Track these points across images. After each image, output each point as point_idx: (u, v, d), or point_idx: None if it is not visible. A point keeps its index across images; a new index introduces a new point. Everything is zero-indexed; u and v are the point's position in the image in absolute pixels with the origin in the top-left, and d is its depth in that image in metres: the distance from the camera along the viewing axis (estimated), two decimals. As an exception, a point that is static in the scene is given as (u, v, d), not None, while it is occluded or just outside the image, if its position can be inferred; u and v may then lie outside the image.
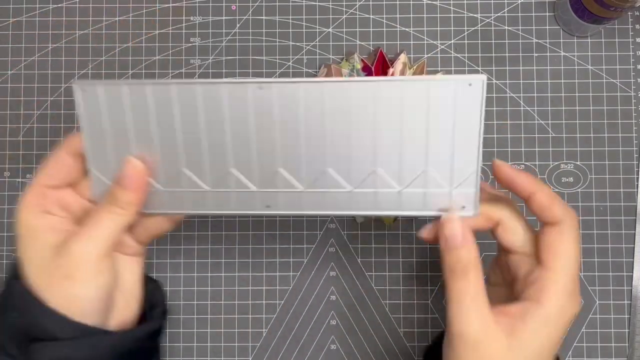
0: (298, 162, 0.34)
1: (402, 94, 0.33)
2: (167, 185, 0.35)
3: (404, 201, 0.34)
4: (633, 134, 0.48)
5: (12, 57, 0.49)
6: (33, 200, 0.34)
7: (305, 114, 0.33)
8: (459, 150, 0.33)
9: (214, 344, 0.47)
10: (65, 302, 0.32)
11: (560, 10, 0.48)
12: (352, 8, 0.49)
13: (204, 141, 0.34)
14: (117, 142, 0.34)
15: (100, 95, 0.34)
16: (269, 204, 0.35)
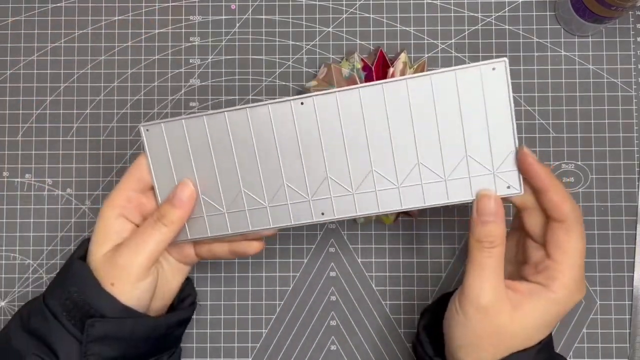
0: (344, 167, 0.37)
1: (432, 87, 0.35)
2: (229, 207, 0.38)
3: (451, 190, 0.36)
4: (634, 133, 0.48)
5: (11, 57, 0.49)
6: (117, 201, 0.38)
7: (344, 121, 0.36)
8: (495, 132, 0.35)
9: (213, 344, 0.47)
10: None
11: (561, 10, 0.48)
12: (353, 7, 0.49)
13: (255, 161, 0.37)
14: (180, 173, 0.38)
15: (162, 131, 0.38)
16: (324, 211, 0.37)
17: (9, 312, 0.48)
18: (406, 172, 0.36)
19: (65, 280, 0.38)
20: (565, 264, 0.35)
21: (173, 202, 0.38)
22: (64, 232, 0.48)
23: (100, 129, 0.49)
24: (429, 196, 0.37)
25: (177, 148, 0.38)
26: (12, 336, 0.38)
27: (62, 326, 0.36)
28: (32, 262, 0.48)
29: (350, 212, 0.37)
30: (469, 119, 0.35)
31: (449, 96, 0.35)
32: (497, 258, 0.35)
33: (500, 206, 0.35)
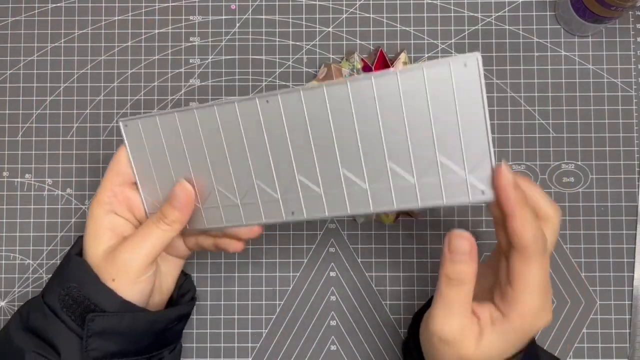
0: (312, 168, 0.35)
1: (401, 85, 0.33)
2: (204, 203, 0.39)
3: (422, 194, 0.34)
4: (634, 133, 0.48)
5: (10, 57, 0.49)
6: (104, 198, 0.39)
7: (311, 120, 0.35)
8: (468, 133, 0.33)
9: (213, 344, 0.47)
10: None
11: (561, 10, 0.48)
12: (353, 7, 0.49)
13: (226, 159, 0.37)
14: (159, 166, 0.39)
15: (139, 127, 0.39)
16: (294, 211, 0.36)
17: (9, 312, 0.48)
18: (376, 173, 0.34)
19: (63, 277, 0.38)
20: (522, 293, 0.33)
21: (172, 204, 0.38)
22: (64, 232, 0.48)
23: (100, 129, 0.49)
24: (400, 199, 0.34)
25: (155, 143, 0.39)
26: (12, 335, 0.38)
27: (61, 322, 0.37)
28: (32, 262, 0.48)
29: (319, 213, 0.36)
30: (440, 120, 0.33)
31: (418, 95, 0.33)
32: (465, 294, 0.34)
33: (473, 246, 0.33)
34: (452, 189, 0.33)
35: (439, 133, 0.33)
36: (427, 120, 0.33)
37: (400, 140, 0.34)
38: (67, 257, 0.39)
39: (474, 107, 0.32)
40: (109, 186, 0.39)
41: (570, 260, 0.47)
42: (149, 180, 0.40)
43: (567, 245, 0.47)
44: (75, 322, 0.37)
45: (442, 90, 0.32)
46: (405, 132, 0.33)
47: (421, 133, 0.33)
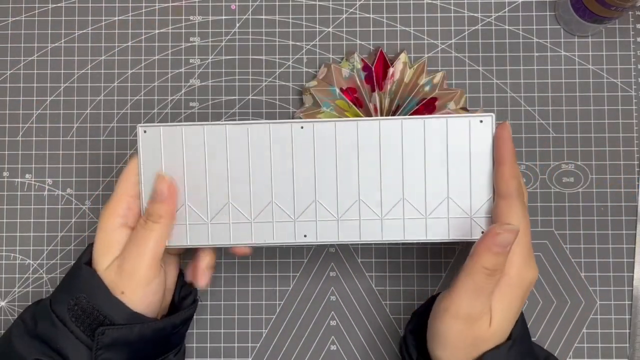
0: (332, 194, 0.38)
1: (424, 129, 0.37)
2: (214, 219, 0.39)
3: (430, 228, 0.38)
4: (634, 133, 0.48)
5: (11, 57, 0.49)
6: (117, 210, 0.38)
7: (339, 149, 0.38)
8: (476, 179, 0.38)
9: (213, 344, 0.47)
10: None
11: (561, 10, 0.48)
12: (353, 7, 0.49)
13: (248, 176, 0.38)
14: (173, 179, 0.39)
15: (160, 135, 0.39)
16: (306, 234, 0.38)
17: (9, 312, 0.48)
18: (390, 205, 0.38)
19: (72, 286, 0.38)
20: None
21: (155, 198, 0.38)
22: (64, 232, 0.48)
23: (101, 129, 0.49)
24: (409, 231, 0.38)
25: (171, 153, 0.39)
26: (15, 342, 0.38)
27: (70, 332, 0.37)
28: (32, 262, 0.48)
29: (332, 238, 0.38)
30: (453, 163, 0.38)
31: (437, 139, 0.38)
32: (496, 282, 0.35)
33: (513, 237, 0.35)
34: (456, 226, 0.38)
35: (451, 176, 0.38)
36: (443, 163, 0.38)
37: (416, 178, 0.38)
38: (78, 266, 0.39)
39: (482, 157, 0.38)
40: (124, 198, 0.38)
41: (570, 260, 0.47)
42: None
43: (567, 245, 0.47)
44: (85, 332, 0.37)
45: (458, 140, 0.38)
46: (423, 171, 0.38)
47: (435, 174, 0.38)
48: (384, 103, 0.45)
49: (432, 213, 0.38)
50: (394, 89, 0.46)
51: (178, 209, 0.39)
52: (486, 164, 0.38)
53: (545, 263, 0.47)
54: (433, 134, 0.37)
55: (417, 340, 0.40)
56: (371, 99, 0.45)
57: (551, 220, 0.48)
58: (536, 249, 0.47)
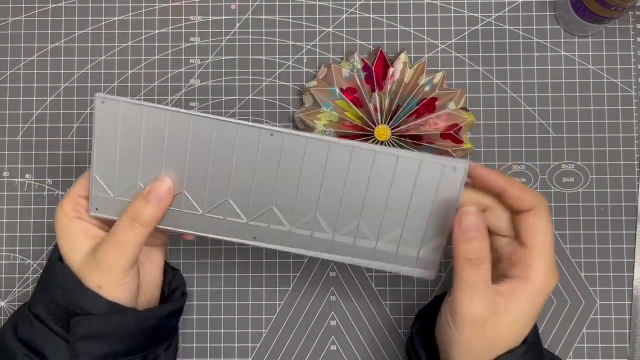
0: (290, 205, 0.38)
1: (396, 164, 0.37)
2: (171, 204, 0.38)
3: (378, 253, 0.38)
4: (634, 133, 0.48)
5: (11, 57, 0.49)
6: (69, 206, 0.38)
7: (306, 165, 0.37)
8: (434, 222, 0.37)
9: (213, 344, 0.47)
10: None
11: (561, 10, 0.48)
12: (353, 7, 0.49)
13: (209, 171, 0.37)
14: (123, 158, 0.37)
15: (120, 110, 0.37)
16: (256, 236, 0.38)
17: (9, 312, 0.48)
18: (345, 227, 0.38)
19: (47, 284, 0.38)
20: (539, 248, 0.35)
21: (149, 199, 0.37)
22: (64, 232, 0.48)
23: (101, 129, 0.49)
24: (357, 254, 0.38)
25: (128, 131, 0.37)
26: (7, 341, 0.38)
27: (48, 329, 0.36)
28: (32, 262, 0.48)
29: (281, 244, 0.38)
30: (417, 203, 0.37)
31: (407, 176, 0.37)
32: (486, 272, 0.35)
33: (482, 220, 0.35)
34: (402, 259, 0.38)
35: (411, 211, 0.37)
36: (406, 198, 0.37)
37: (377, 207, 0.37)
38: (51, 264, 0.38)
39: (447, 204, 0.37)
40: (73, 196, 0.38)
41: (570, 260, 0.47)
42: (107, 170, 0.37)
43: (567, 245, 0.47)
44: (63, 327, 0.36)
45: (427, 182, 0.37)
46: (384, 202, 0.37)
47: (395, 206, 0.37)
48: (384, 103, 0.45)
49: (383, 243, 0.38)
50: (394, 89, 0.46)
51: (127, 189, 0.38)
52: (450, 211, 0.36)
53: (545, 263, 0.47)
54: (404, 168, 0.37)
55: (424, 341, 0.40)
56: (371, 99, 0.45)
57: (551, 220, 0.47)
58: (536, 249, 0.47)
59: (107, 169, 0.37)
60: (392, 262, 0.38)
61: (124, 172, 0.37)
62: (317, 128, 0.46)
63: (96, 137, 0.37)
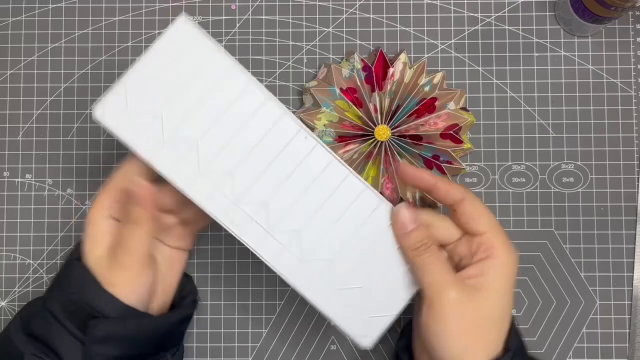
0: (282, 210, 0.38)
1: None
2: (170, 143, 0.37)
3: (303, 273, 0.38)
4: (634, 133, 0.48)
5: (11, 57, 0.49)
6: (104, 202, 0.38)
7: (316, 183, 0.38)
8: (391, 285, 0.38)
9: (213, 344, 0.47)
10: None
11: (560, 10, 0.48)
12: (352, 7, 0.49)
13: (227, 141, 0.37)
14: (161, 91, 0.37)
15: (194, 47, 0.37)
16: (234, 220, 0.37)
17: (9, 312, 0.48)
18: (284, 228, 0.38)
19: (64, 283, 0.38)
20: (489, 227, 0.37)
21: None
22: (65, 232, 0.48)
23: (101, 129, 0.49)
24: (279, 259, 0.38)
25: (184, 70, 0.37)
26: (13, 337, 0.38)
27: (64, 328, 0.37)
28: (32, 262, 0.48)
29: (253, 243, 0.38)
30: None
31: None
32: (437, 255, 0.37)
33: (413, 212, 0.37)
34: (350, 315, 0.38)
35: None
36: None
37: (320, 220, 0.38)
38: (69, 262, 0.39)
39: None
40: (113, 191, 0.39)
41: (570, 260, 0.47)
42: (138, 88, 0.37)
43: (567, 245, 0.47)
44: (78, 328, 0.37)
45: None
46: (321, 220, 0.38)
47: (337, 227, 0.38)
48: (384, 103, 0.45)
49: (313, 260, 0.38)
50: (394, 89, 0.46)
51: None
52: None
53: (545, 263, 0.47)
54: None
55: (411, 356, 0.40)
56: (371, 99, 0.45)
57: (551, 220, 0.48)
58: (536, 249, 0.47)
59: (140, 87, 0.37)
60: (335, 315, 0.38)
61: (150, 100, 0.37)
62: (317, 128, 0.46)
63: (154, 52, 0.36)
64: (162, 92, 0.37)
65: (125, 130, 0.37)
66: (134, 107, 0.37)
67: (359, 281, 0.38)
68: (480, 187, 0.48)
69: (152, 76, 0.36)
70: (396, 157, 0.45)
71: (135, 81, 0.37)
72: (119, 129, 0.37)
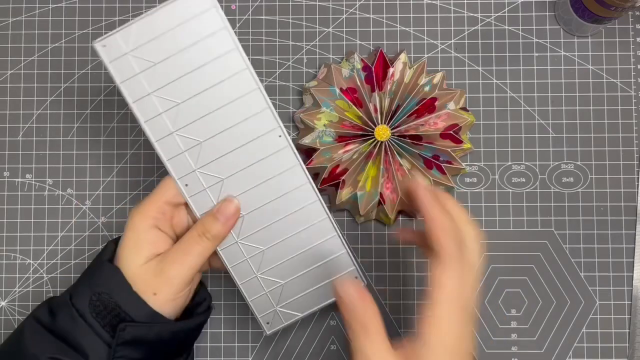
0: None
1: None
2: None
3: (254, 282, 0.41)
4: (633, 133, 0.48)
5: (11, 57, 0.49)
6: (150, 212, 0.39)
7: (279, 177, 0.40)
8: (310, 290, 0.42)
9: (213, 344, 0.47)
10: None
11: (560, 10, 0.48)
12: (352, 7, 0.49)
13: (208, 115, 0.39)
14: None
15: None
16: (189, 184, 0.39)
17: (9, 312, 0.48)
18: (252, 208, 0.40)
19: (93, 281, 0.38)
20: (435, 305, 0.33)
21: (217, 217, 0.39)
22: (65, 232, 0.48)
23: (101, 129, 0.49)
24: (251, 291, 0.41)
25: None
26: (28, 341, 0.37)
27: (89, 327, 0.37)
28: (32, 262, 0.48)
29: (181, 185, 0.39)
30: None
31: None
32: (375, 335, 0.33)
33: (359, 287, 0.34)
34: (262, 304, 0.41)
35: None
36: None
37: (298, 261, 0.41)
38: (99, 262, 0.39)
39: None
40: (159, 202, 0.39)
41: (570, 260, 0.47)
42: (143, 37, 0.38)
43: (567, 245, 0.47)
44: (104, 328, 0.37)
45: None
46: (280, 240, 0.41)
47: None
48: (384, 103, 0.45)
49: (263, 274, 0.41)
50: (394, 89, 0.46)
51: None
52: None
53: (545, 263, 0.47)
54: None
55: None
56: (371, 99, 0.45)
57: (551, 220, 0.48)
58: (536, 249, 0.47)
59: (144, 36, 0.37)
60: (254, 297, 0.41)
61: (148, 51, 0.38)
62: (317, 128, 0.46)
63: (169, 9, 0.37)
64: (162, 47, 0.37)
65: (118, 70, 0.38)
66: (132, 51, 0.38)
67: (283, 276, 0.41)
68: (480, 187, 0.48)
69: (159, 30, 0.37)
70: (396, 158, 0.45)
71: (142, 29, 0.37)
72: (112, 67, 0.38)
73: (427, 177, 0.46)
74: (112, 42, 0.37)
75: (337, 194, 0.46)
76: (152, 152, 0.48)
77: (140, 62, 0.38)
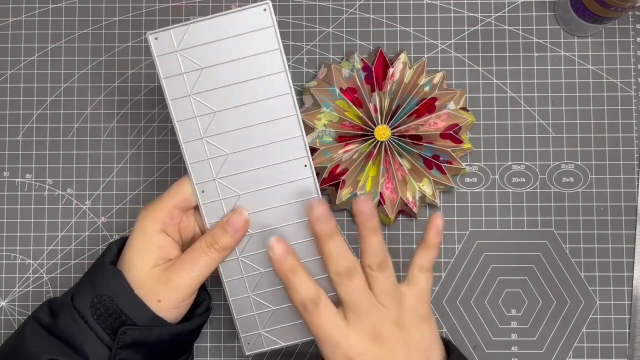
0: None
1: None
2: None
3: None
4: (633, 133, 0.48)
5: (11, 57, 0.49)
6: (160, 216, 0.39)
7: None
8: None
9: (213, 344, 0.47)
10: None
11: (560, 10, 0.48)
12: (352, 8, 0.49)
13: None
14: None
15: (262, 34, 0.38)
16: (207, 192, 0.39)
17: (9, 312, 0.48)
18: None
19: (95, 283, 0.38)
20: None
21: (226, 229, 0.39)
22: (65, 232, 0.48)
23: (101, 129, 0.49)
24: (239, 307, 0.41)
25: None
26: (28, 341, 0.37)
27: (90, 329, 0.37)
28: (32, 262, 0.48)
29: (199, 194, 0.40)
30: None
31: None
32: (328, 314, 0.38)
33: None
34: (248, 324, 0.41)
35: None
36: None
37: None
38: (101, 264, 0.39)
39: None
40: (169, 206, 0.39)
41: (570, 260, 0.47)
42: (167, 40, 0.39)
43: (567, 245, 0.47)
44: (105, 331, 0.37)
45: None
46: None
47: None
48: (384, 103, 0.45)
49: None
50: (394, 89, 0.46)
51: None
52: None
53: (545, 263, 0.47)
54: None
55: None
56: (371, 99, 0.45)
57: (551, 220, 0.48)
58: (536, 249, 0.47)
59: (197, 38, 0.38)
60: (241, 315, 0.41)
61: (198, 53, 0.38)
62: (317, 128, 0.46)
63: (228, 18, 0.38)
64: (213, 53, 0.38)
65: (164, 65, 0.38)
66: (183, 50, 0.38)
67: (274, 302, 0.40)
68: (480, 187, 0.48)
69: (214, 36, 0.38)
70: (396, 158, 0.45)
71: (197, 31, 0.38)
72: (159, 61, 0.38)
73: (427, 177, 0.46)
74: (165, 36, 0.38)
75: (337, 194, 0.46)
76: (152, 152, 0.48)
77: (187, 62, 0.38)
